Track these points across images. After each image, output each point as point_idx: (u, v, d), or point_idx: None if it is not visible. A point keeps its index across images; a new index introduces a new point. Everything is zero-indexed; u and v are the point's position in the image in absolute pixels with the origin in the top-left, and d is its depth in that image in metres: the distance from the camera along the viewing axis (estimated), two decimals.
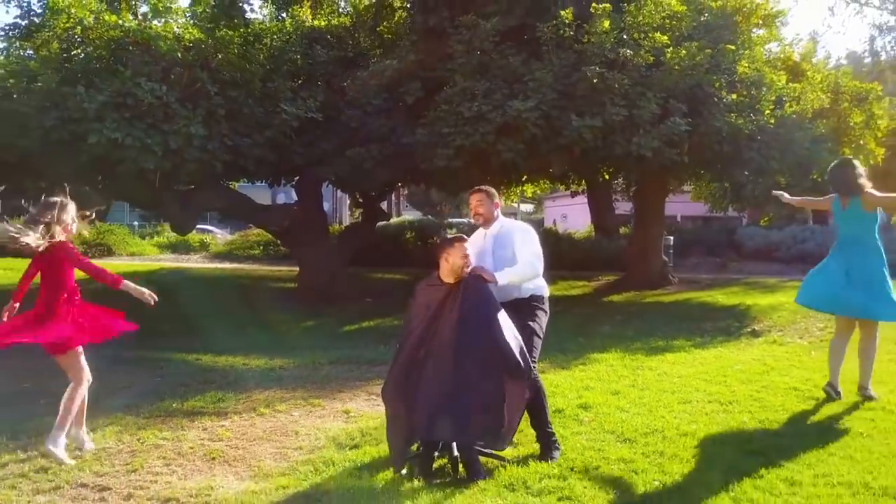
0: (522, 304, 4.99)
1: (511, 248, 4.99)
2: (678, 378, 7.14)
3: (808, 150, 13.21)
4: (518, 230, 5.12)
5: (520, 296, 5.01)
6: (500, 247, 5.05)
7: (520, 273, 4.88)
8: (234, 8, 12.45)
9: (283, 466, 4.78)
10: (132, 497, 4.31)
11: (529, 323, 4.95)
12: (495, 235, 5.12)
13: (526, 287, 4.99)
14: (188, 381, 7.34)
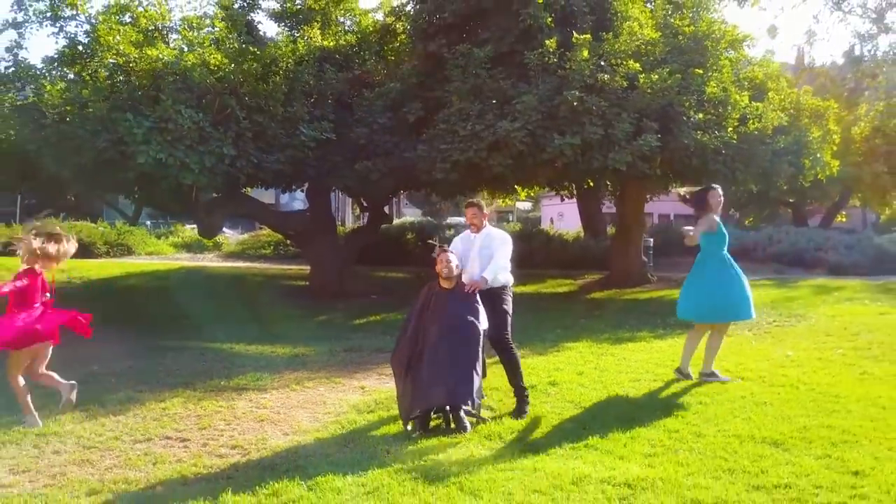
0: (496, 291, 6.63)
1: (491, 249, 6.72)
2: (634, 362, 8.66)
3: (769, 163, 14.74)
4: (498, 238, 6.82)
5: (495, 286, 6.58)
6: (485, 247, 6.76)
7: (496, 271, 6.49)
8: (252, 32, 13.98)
9: (317, 425, 6.29)
10: (207, 444, 5.80)
11: (503, 306, 6.68)
12: (482, 238, 6.80)
13: (498, 280, 6.58)
14: (229, 364, 8.85)
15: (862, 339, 9.90)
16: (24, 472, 5.14)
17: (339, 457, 5.33)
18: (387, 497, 4.51)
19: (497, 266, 6.60)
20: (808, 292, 15.32)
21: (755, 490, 4.62)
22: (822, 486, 4.66)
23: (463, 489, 4.62)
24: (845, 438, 5.63)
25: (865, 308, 12.86)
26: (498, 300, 6.67)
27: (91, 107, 10.83)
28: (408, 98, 14.25)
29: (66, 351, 6.86)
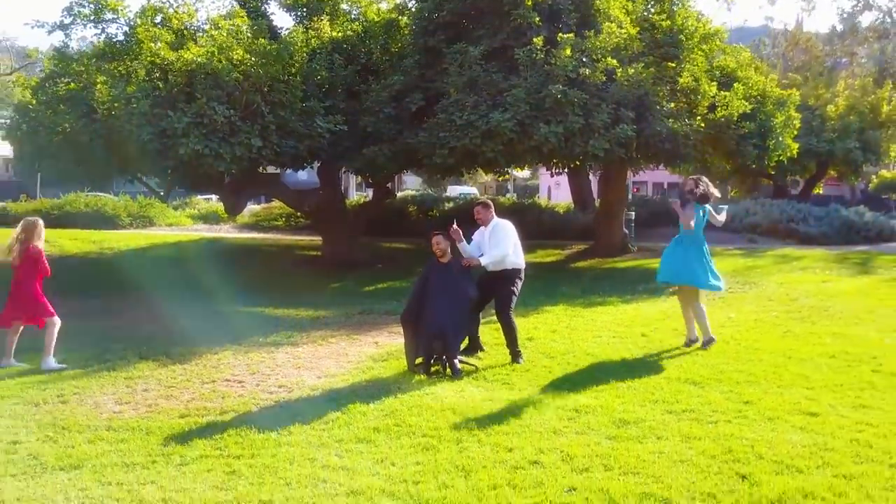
0: (508, 273, 8.32)
1: (498, 239, 8.35)
2: (600, 323, 10.42)
3: (736, 145, 16.40)
4: (500, 228, 8.44)
5: (506, 268, 8.29)
6: (493, 237, 8.38)
7: (494, 257, 8.19)
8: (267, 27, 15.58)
9: (342, 370, 8.05)
10: (259, 385, 7.55)
11: (511, 287, 8.35)
12: (491, 229, 8.47)
13: (510, 261, 8.27)
14: (263, 325, 10.61)
15: (798, 304, 11.66)
16: (126, 404, 6.90)
17: (362, 392, 7.08)
18: (399, 417, 6.26)
19: (496, 253, 8.21)
20: (770, 262, 17.03)
21: (668, 413, 6.36)
22: (718, 410, 6.41)
23: (454, 412, 6.37)
24: (749, 379, 7.39)
25: (813, 277, 14.59)
26: (508, 281, 8.34)
27: (135, 103, 12.46)
28: (410, 89, 15.83)
29: (124, 318, 8.60)
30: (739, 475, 4.93)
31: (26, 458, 5.39)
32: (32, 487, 4.87)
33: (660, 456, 5.31)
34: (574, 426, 5.99)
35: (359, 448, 5.55)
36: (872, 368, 7.80)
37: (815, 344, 8.99)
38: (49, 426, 6.14)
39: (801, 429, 5.89)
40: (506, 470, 5.07)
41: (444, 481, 4.87)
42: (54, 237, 20.80)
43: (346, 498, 4.65)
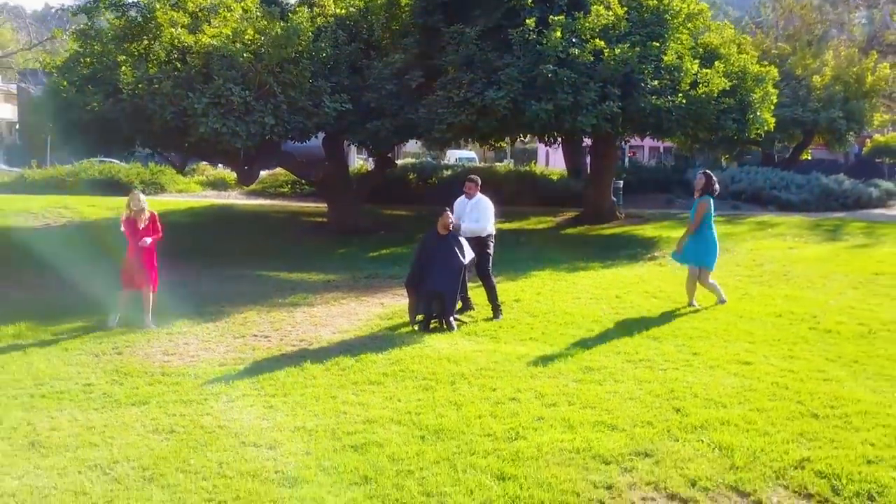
0: (484, 239, 9.66)
1: (477, 212, 9.66)
2: (580, 286, 11.67)
3: (716, 119, 17.50)
4: (482, 204, 9.70)
5: (481, 234, 9.56)
6: (473, 209, 9.79)
7: (473, 227, 9.48)
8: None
9: (354, 327, 9.30)
10: (283, 339, 8.81)
11: (487, 250, 9.74)
12: (473, 203, 9.76)
13: (485, 230, 9.55)
14: (280, 288, 11.86)
15: (761, 269, 12.90)
16: (172, 355, 8.16)
17: (371, 345, 8.35)
18: (403, 364, 7.52)
19: (476, 226, 9.72)
20: (747, 229, 18.23)
21: (627, 362, 7.62)
22: (669, 360, 7.67)
23: (449, 360, 7.63)
24: (701, 335, 8.65)
25: (782, 244, 15.80)
26: (485, 245, 9.82)
27: (158, 84, 13.55)
28: (410, 66, 16.87)
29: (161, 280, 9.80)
30: (675, 409, 6.20)
31: (102, 397, 6.66)
32: (113, 418, 6.14)
33: (614, 395, 6.57)
34: (547, 371, 7.26)
35: (371, 388, 6.82)
36: (810, 326, 9.06)
37: (766, 305, 10.25)
38: (113, 372, 7.41)
39: (735, 374, 7.15)
40: (489, 404, 6.34)
41: (439, 412, 6.14)
42: (73, 203, 22.03)
43: (363, 425, 5.91)
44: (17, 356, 8.00)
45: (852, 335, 8.63)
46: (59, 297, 11.31)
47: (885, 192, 25.51)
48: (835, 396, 6.44)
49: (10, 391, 6.81)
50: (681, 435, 5.63)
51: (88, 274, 12.48)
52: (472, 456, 5.27)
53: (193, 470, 5.09)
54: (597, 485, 4.84)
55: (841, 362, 7.56)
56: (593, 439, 5.53)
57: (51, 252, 15.00)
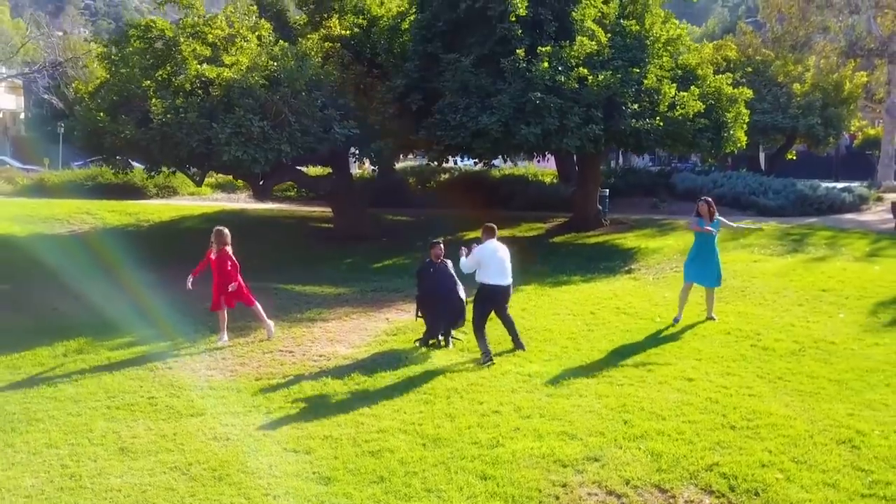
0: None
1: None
2: (560, 302, 13.28)
3: (692, 138, 19.08)
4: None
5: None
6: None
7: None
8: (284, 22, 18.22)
9: (365, 343, 10.92)
10: (305, 354, 10.42)
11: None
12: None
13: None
14: (297, 302, 13.48)
15: (724, 284, 14.45)
16: (214, 370, 9.77)
17: (381, 360, 9.95)
18: (408, 379, 9.13)
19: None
20: (719, 239, 19.67)
21: (591, 378, 9.22)
22: (627, 376, 9.25)
23: (445, 376, 9.25)
24: (657, 352, 10.26)
25: (748, 256, 17.35)
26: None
27: (184, 114, 15.07)
28: (411, 90, 18.41)
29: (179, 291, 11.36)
30: (624, 420, 7.81)
31: (166, 409, 8.28)
32: (179, 427, 7.76)
33: (578, 408, 8.19)
34: (525, 387, 8.88)
35: (382, 402, 8.44)
36: (751, 343, 10.67)
37: (719, 322, 11.86)
38: (169, 386, 9.03)
39: (678, 390, 8.77)
40: (477, 416, 7.96)
41: (437, 423, 7.76)
42: (95, 209, 23.64)
43: (377, 434, 7.53)
44: (86, 371, 9.62)
45: (785, 352, 10.24)
46: (103, 307, 12.81)
47: (859, 196, 27.03)
48: (753, 410, 8.06)
49: (90, 403, 8.44)
50: (624, 443, 7.24)
51: (124, 284, 14.13)
52: (462, 460, 6.89)
53: (250, 471, 6.72)
54: (555, 483, 6.46)
55: (768, 378, 9.18)
56: (556, 447, 7.15)
57: (84, 261, 16.64)
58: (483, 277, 10.13)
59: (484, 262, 10.10)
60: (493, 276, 10.06)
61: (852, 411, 8.09)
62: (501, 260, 10.15)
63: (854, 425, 7.65)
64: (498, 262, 10.10)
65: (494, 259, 10.10)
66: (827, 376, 9.25)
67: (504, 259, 10.18)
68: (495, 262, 10.09)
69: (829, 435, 7.43)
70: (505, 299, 10.34)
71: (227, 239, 11.01)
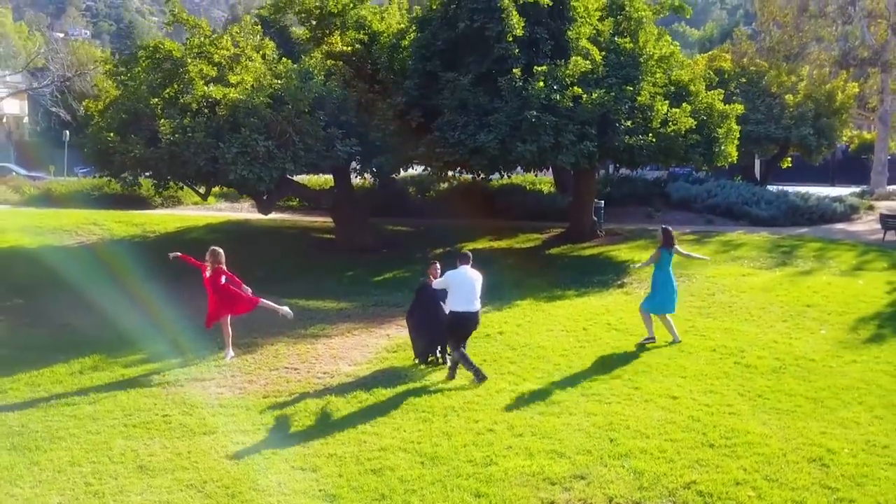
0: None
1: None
2: (554, 317, 13.80)
3: (684, 153, 19.61)
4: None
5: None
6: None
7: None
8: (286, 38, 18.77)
9: (366, 360, 11.44)
10: (309, 372, 10.94)
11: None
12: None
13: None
14: (301, 317, 13.93)
15: (712, 300, 15.02)
16: (224, 387, 10.29)
17: (381, 378, 10.47)
18: (407, 398, 9.64)
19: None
20: (711, 251, 20.24)
21: (581, 396, 9.72)
22: (615, 394, 9.76)
23: (442, 393, 9.78)
24: (644, 370, 10.76)
25: (738, 269, 17.88)
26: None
27: (191, 134, 15.60)
28: (411, 107, 18.94)
29: (188, 306, 11.89)
30: (610, 439, 8.33)
31: (180, 427, 8.80)
32: (192, 445, 8.28)
33: (567, 426, 8.71)
34: (518, 405, 9.40)
35: (382, 420, 8.96)
36: (735, 360, 11.20)
37: (706, 338, 12.39)
38: (181, 403, 9.56)
39: (662, 408, 9.29)
40: (472, 434, 8.48)
41: (434, 442, 8.28)
42: (102, 219, 24.15)
43: (378, 452, 8.05)
44: (102, 388, 10.14)
45: (767, 370, 10.77)
46: (114, 322, 13.35)
47: (849, 206, 27.58)
48: (732, 429, 8.58)
49: (108, 421, 8.97)
50: (609, 461, 7.77)
51: (133, 298, 14.66)
52: (458, 478, 7.41)
53: (261, 489, 7.24)
54: (543, 501, 6.99)
55: (749, 396, 9.70)
56: (545, 465, 7.68)
57: (93, 273, 17.15)
58: (451, 304, 10.38)
59: (453, 288, 10.37)
60: (461, 302, 10.28)
61: (825, 429, 8.62)
62: (471, 287, 10.35)
63: (825, 443, 8.19)
64: (467, 289, 10.31)
65: (464, 285, 10.33)
66: (804, 394, 9.79)
67: (473, 286, 10.38)
68: (464, 288, 10.31)
69: (801, 453, 7.96)
70: (474, 326, 10.60)
71: (222, 259, 11.50)
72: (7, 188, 30.66)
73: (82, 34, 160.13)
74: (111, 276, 16.93)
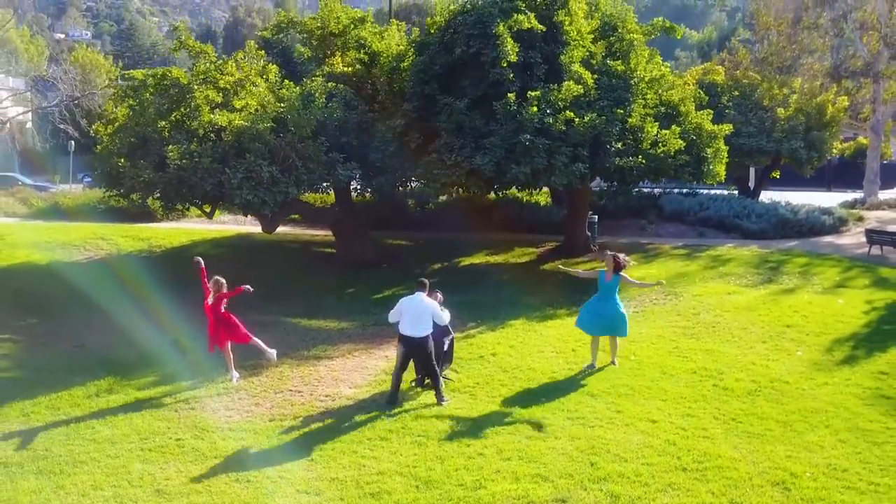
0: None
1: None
2: (546, 338, 14.48)
3: (674, 172, 20.30)
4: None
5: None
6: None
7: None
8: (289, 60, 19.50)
9: (366, 381, 12.11)
10: (312, 394, 11.61)
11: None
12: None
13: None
14: (304, 338, 14.68)
15: (696, 320, 15.67)
16: (232, 410, 10.97)
17: (381, 401, 11.15)
18: (403, 422, 10.30)
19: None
20: (700, 266, 20.93)
21: (567, 419, 10.40)
22: (599, 417, 10.44)
23: (437, 418, 10.44)
24: (628, 392, 11.43)
25: (725, 287, 18.49)
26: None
27: (198, 159, 16.29)
28: (410, 128, 19.62)
29: (198, 327, 12.55)
30: (591, 463, 9.02)
31: (192, 451, 9.49)
32: (205, 469, 8.96)
33: (552, 450, 9.39)
34: (507, 429, 10.08)
35: (380, 444, 9.64)
36: (714, 383, 11.87)
37: (688, 360, 13.06)
38: (193, 427, 10.24)
39: (641, 432, 9.97)
40: (464, 459, 9.16)
41: (429, 466, 8.96)
42: (109, 234, 24.84)
43: (377, 476, 8.73)
44: (118, 411, 10.82)
45: (743, 392, 11.45)
46: (126, 343, 14.04)
47: (838, 219, 28.18)
48: (704, 453, 9.27)
49: (125, 445, 9.65)
50: (589, 485, 8.45)
51: (142, 317, 15.35)
52: (449, 502, 8.10)
53: None
54: None
55: (723, 420, 10.39)
56: (530, 489, 8.36)
57: (103, 291, 17.84)
58: (399, 326, 11.21)
59: (403, 313, 11.15)
60: (405, 327, 11.06)
61: (791, 453, 9.31)
62: (415, 314, 11.03)
63: (790, 467, 8.88)
64: (411, 315, 11.04)
65: (409, 311, 11.07)
66: (776, 417, 10.48)
67: (418, 314, 11.02)
68: (409, 314, 11.05)
69: (766, 477, 8.65)
70: (416, 352, 11.16)
71: (224, 288, 12.15)
72: (15, 200, 31.29)
73: (83, 35, 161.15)
74: (120, 293, 17.61)
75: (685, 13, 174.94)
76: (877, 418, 10.46)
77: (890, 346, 13.51)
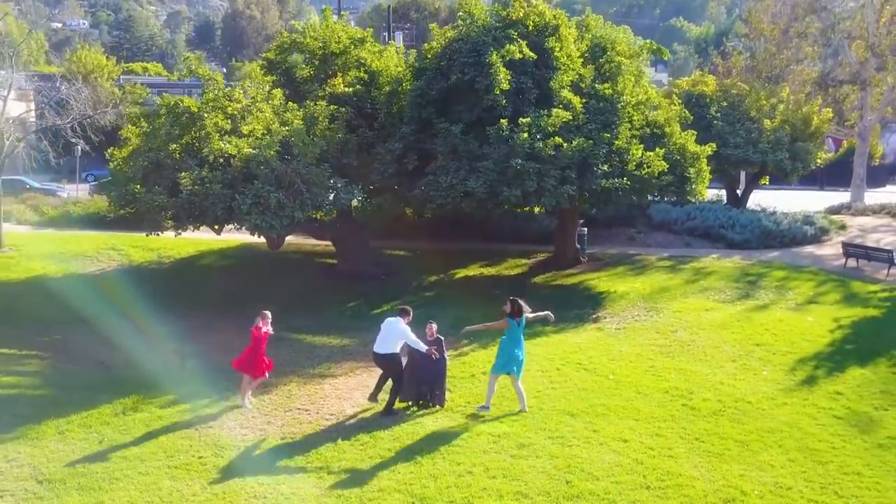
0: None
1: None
2: (532, 356, 15.48)
3: (658, 191, 21.48)
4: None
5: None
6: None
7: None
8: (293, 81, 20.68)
9: (367, 399, 13.30)
10: (318, 412, 12.79)
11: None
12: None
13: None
14: (308, 355, 15.85)
15: (673, 338, 16.85)
16: (246, 428, 12.15)
17: (381, 420, 12.33)
18: (401, 441, 11.47)
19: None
20: (682, 280, 22.09)
21: (548, 439, 11.58)
22: (576, 437, 11.61)
23: (432, 437, 11.60)
24: (604, 412, 12.61)
25: (703, 303, 19.68)
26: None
27: (209, 185, 17.43)
28: (408, 150, 20.76)
29: (204, 341, 13.71)
30: (566, 481, 10.21)
31: (213, 468, 10.68)
32: (226, 487, 10.14)
33: (533, 469, 10.58)
34: (495, 448, 11.27)
35: (380, 461, 10.83)
36: (683, 403, 13.06)
37: (661, 379, 14.24)
38: (212, 445, 11.42)
39: (613, 451, 11.16)
40: (454, 477, 10.35)
41: (423, 483, 10.15)
42: (120, 244, 25.96)
43: (377, 493, 9.92)
44: (144, 429, 12.00)
45: (708, 412, 12.64)
46: (145, 360, 15.19)
47: (820, 229, 29.32)
48: (667, 472, 10.46)
49: (154, 463, 10.84)
50: (563, 502, 9.65)
51: (158, 332, 16.50)
52: None
53: None
54: None
55: (688, 439, 11.58)
56: None
57: (118, 305, 19.03)
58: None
59: (380, 331, 12.77)
60: (376, 343, 12.68)
61: (744, 472, 10.52)
62: (387, 334, 12.59)
63: (741, 486, 10.09)
64: (383, 335, 12.63)
65: (383, 331, 12.69)
66: (735, 437, 11.67)
67: (389, 334, 12.56)
68: (382, 333, 12.67)
69: (719, 495, 9.86)
70: (378, 364, 12.81)
71: (269, 323, 13.13)
72: (26, 207, 32.30)
73: (80, 24, 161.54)
74: (134, 307, 18.78)
75: (684, 6, 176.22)
76: (825, 438, 11.67)
77: (849, 366, 14.72)
